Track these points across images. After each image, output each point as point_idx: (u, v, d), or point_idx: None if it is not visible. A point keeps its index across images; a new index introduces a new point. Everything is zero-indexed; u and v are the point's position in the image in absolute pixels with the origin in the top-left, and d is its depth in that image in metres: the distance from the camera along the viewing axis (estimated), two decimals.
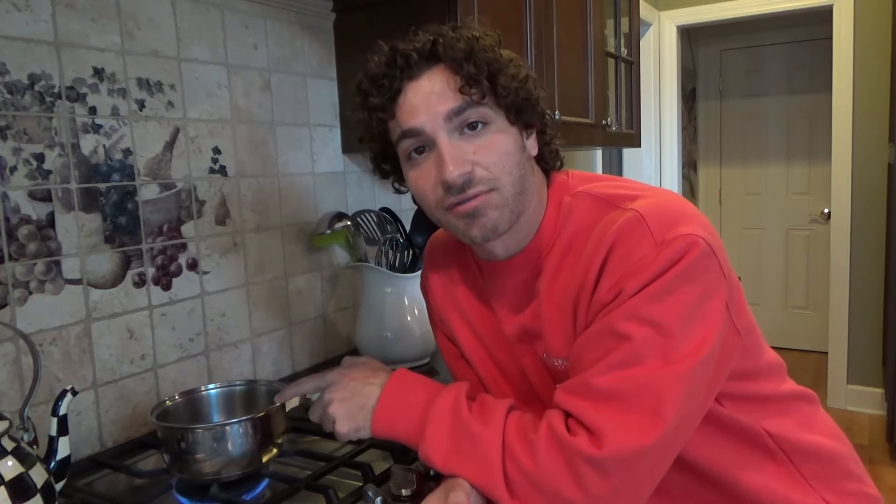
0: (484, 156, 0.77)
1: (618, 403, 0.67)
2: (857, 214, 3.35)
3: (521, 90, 0.78)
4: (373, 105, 0.80)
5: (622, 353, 0.69)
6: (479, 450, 0.72)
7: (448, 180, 0.75)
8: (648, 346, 0.68)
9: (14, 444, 0.79)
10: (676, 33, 3.70)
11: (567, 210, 0.83)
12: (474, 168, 0.76)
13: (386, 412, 0.81)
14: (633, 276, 0.70)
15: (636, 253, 0.70)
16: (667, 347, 0.68)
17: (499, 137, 0.78)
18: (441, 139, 0.76)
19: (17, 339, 1.00)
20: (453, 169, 0.75)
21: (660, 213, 0.73)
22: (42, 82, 1.02)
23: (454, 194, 0.77)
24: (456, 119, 0.76)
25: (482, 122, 0.77)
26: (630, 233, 0.72)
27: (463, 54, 0.75)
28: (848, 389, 3.47)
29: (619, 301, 0.70)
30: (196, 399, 1.06)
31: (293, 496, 0.92)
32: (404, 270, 1.53)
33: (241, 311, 1.37)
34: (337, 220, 1.50)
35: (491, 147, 0.77)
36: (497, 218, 0.78)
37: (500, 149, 0.78)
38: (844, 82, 3.29)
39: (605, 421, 0.67)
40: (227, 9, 1.32)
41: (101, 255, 1.11)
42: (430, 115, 0.76)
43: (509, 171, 0.78)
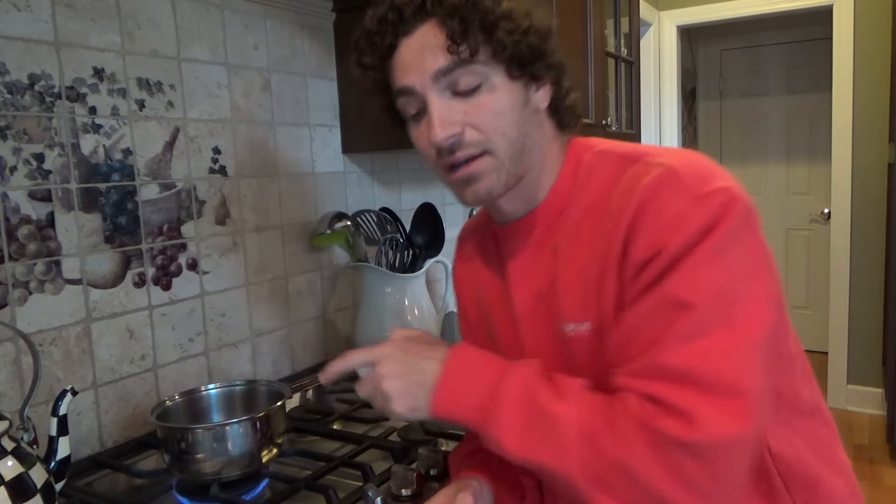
0: (476, 116, 0.73)
1: (699, 382, 0.61)
2: (857, 214, 3.35)
3: (522, 42, 0.72)
4: (366, 64, 0.77)
5: (687, 324, 0.62)
6: (558, 435, 0.65)
7: (435, 143, 0.72)
8: (712, 312, 0.62)
9: (14, 444, 0.79)
10: (676, 33, 3.70)
11: (588, 167, 0.77)
12: (465, 129, 0.72)
13: (448, 391, 0.71)
14: (672, 232, 0.64)
15: (671, 207, 0.65)
16: (731, 313, 0.62)
17: (494, 97, 0.73)
18: (431, 99, 0.73)
19: (17, 339, 1.00)
20: (440, 131, 0.72)
21: (692, 167, 0.68)
22: (42, 82, 1.02)
23: (445, 156, 0.74)
24: (444, 79, 0.72)
25: (474, 83, 0.72)
26: (662, 186, 0.66)
27: (451, 8, 0.71)
28: (848, 389, 3.47)
29: (663, 261, 0.64)
30: (196, 399, 1.06)
31: (293, 496, 0.92)
32: (404, 270, 1.53)
33: (241, 311, 1.37)
34: (337, 220, 1.50)
35: (484, 107, 0.73)
36: (491, 183, 0.75)
37: (494, 108, 0.73)
38: (844, 82, 3.29)
39: (691, 402, 0.60)
40: (227, 9, 1.32)
41: (101, 255, 1.11)
42: (420, 73, 0.73)
43: (503, 131, 0.73)
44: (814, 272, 4.37)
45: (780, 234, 4.49)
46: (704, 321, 0.62)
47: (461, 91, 0.73)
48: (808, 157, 4.35)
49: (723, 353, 0.62)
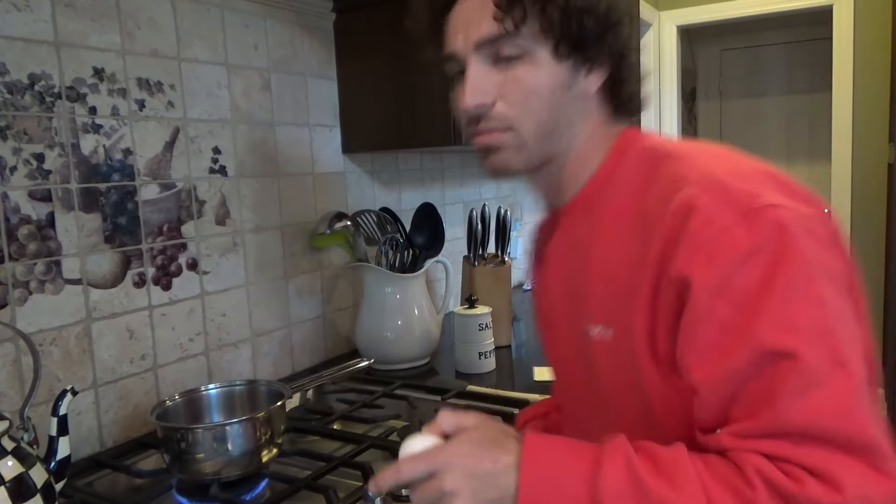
0: (509, 90, 0.70)
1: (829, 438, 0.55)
2: (857, 214, 3.35)
3: (576, 20, 0.68)
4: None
5: (798, 377, 0.56)
6: None
7: (462, 108, 0.71)
8: (820, 357, 0.56)
9: (14, 444, 0.79)
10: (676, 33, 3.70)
11: (631, 163, 0.74)
12: (496, 101, 0.70)
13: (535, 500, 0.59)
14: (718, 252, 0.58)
15: (717, 222, 0.59)
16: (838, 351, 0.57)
17: (532, 72, 0.70)
18: (470, 65, 0.70)
19: (17, 339, 1.00)
20: (470, 98, 0.70)
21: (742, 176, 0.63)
22: (42, 82, 1.02)
23: (471, 125, 0.72)
24: (486, 48, 0.70)
25: (515, 55, 0.69)
26: (706, 197, 0.61)
27: None
28: None
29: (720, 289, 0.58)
30: (196, 399, 1.06)
31: (293, 496, 0.92)
32: (404, 270, 1.53)
33: (241, 311, 1.37)
34: (337, 220, 1.50)
35: (518, 82, 0.70)
36: (509, 158, 0.72)
37: (530, 85, 0.70)
38: (844, 82, 3.29)
39: (828, 462, 0.54)
40: (227, 9, 1.32)
41: (101, 255, 1.11)
42: (464, 40, 0.71)
43: (533, 110, 0.70)
44: None
45: None
46: (815, 369, 0.56)
47: (501, 61, 0.70)
48: (808, 157, 4.35)
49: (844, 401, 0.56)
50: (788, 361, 0.56)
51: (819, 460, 0.54)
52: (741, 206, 0.60)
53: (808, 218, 0.61)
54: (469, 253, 1.72)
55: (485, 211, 1.75)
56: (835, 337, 0.57)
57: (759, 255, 0.58)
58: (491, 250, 1.80)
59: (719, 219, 0.59)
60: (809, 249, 0.58)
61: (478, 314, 1.47)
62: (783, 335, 0.56)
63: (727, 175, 0.63)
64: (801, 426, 0.55)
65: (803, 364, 0.56)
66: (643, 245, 0.65)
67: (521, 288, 2.46)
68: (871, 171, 3.29)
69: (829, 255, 0.60)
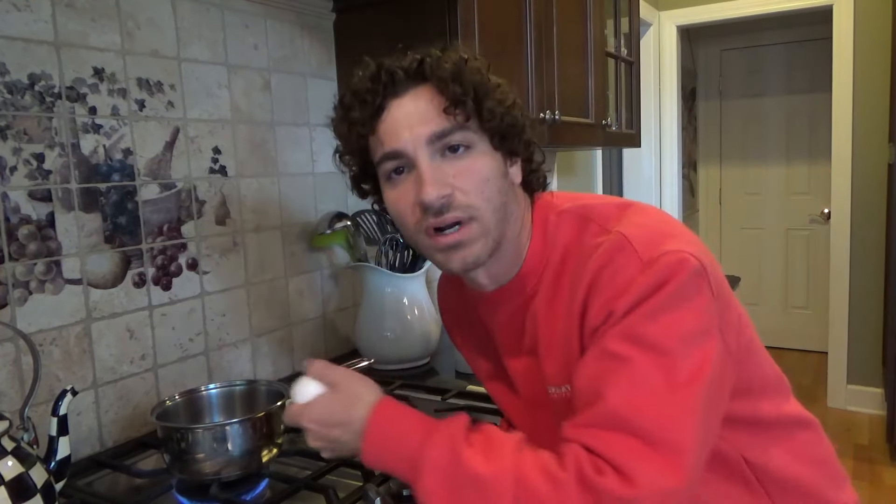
0: (464, 180, 0.75)
1: (636, 434, 0.63)
2: (857, 214, 3.35)
3: (506, 116, 0.77)
4: (354, 119, 0.78)
5: (624, 377, 0.65)
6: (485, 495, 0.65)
7: (426, 202, 0.73)
8: (649, 367, 0.65)
9: (14, 444, 0.79)
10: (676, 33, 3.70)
11: (553, 229, 0.81)
12: (454, 192, 0.74)
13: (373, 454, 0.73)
14: (620, 296, 0.68)
15: (623, 274, 0.69)
16: (669, 368, 0.65)
17: (480, 162, 0.76)
18: (422, 160, 0.74)
19: (17, 339, 1.00)
20: (432, 190, 0.73)
21: (645, 232, 0.72)
22: (42, 82, 1.02)
23: (432, 216, 0.75)
24: (438, 142, 0.74)
25: (464, 145, 0.75)
26: (615, 254, 0.70)
27: (450, 74, 0.74)
28: (848, 389, 3.47)
29: (611, 323, 0.68)
30: (196, 399, 1.06)
31: (293, 496, 0.92)
32: (404, 270, 1.53)
33: (241, 311, 1.37)
34: (337, 220, 1.50)
35: (471, 171, 0.75)
36: (478, 250, 0.77)
37: (481, 174, 0.75)
38: (844, 82, 3.29)
39: (629, 457, 0.63)
40: (227, 9, 1.32)
41: (101, 255, 1.11)
42: (412, 135, 0.74)
43: (489, 197, 0.76)
44: (814, 272, 4.37)
45: (780, 234, 4.49)
46: (642, 375, 0.65)
47: (451, 154, 0.75)
48: (808, 157, 4.35)
49: (662, 408, 0.64)
50: (621, 363, 0.66)
51: (623, 455, 0.62)
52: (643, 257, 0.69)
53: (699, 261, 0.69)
54: None
55: None
56: (672, 359, 0.65)
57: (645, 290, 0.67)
58: None
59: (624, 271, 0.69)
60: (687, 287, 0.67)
61: None
62: (625, 344, 0.66)
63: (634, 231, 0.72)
64: (619, 418, 0.64)
65: (635, 368, 0.65)
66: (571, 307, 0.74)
67: None
68: (871, 171, 3.29)
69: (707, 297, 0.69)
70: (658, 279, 0.67)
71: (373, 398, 0.74)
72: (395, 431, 0.72)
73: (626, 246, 0.70)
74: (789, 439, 0.83)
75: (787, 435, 0.83)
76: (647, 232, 0.72)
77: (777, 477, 0.80)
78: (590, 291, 0.71)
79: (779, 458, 0.81)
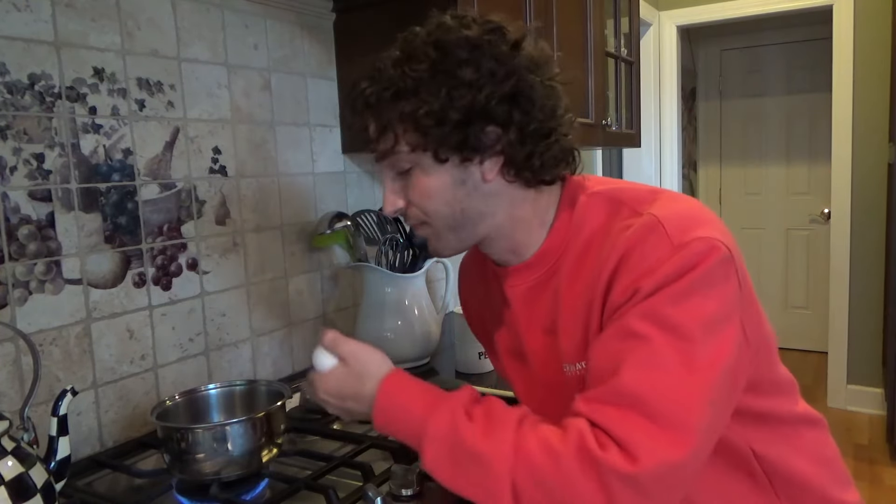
0: (412, 195, 0.79)
1: (644, 412, 0.64)
2: (857, 214, 3.35)
3: (435, 130, 0.73)
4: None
5: (642, 355, 0.66)
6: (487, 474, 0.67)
7: (384, 214, 0.83)
8: (668, 349, 0.65)
9: (14, 444, 0.79)
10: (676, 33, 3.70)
11: (582, 210, 0.80)
12: (408, 206, 0.80)
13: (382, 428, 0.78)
14: (647, 276, 0.68)
15: (652, 255, 0.69)
16: (687, 352, 0.65)
17: (424, 179, 0.77)
18: (384, 178, 0.82)
19: (17, 339, 1.00)
20: (387, 206, 0.81)
21: (677, 216, 0.72)
22: (42, 82, 1.02)
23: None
24: (385, 162, 0.79)
25: (406, 167, 0.78)
26: (646, 236, 0.70)
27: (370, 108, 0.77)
28: (848, 389, 3.47)
29: (634, 301, 0.68)
30: (196, 399, 1.06)
31: (293, 496, 0.92)
32: (404, 270, 1.53)
33: (241, 311, 1.37)
34: (337, 220, 1.50)
35: (416, 188, 0.78)
36: (442, 245, 0.82)
37: (424, 190, 0.78)
38: (844, 82, 3.29)
39: (634, 433, 0.63)
40: (227, 9, 1.32)
41: (101, 255, 1.11)
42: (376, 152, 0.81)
43: (436, 209, 0.78)
44: (814, 272, 4.37)
45: (780, 234, 4.49)
46: (659, 355, 0.65)
47: (402, 173, 0.79)
48: (808, 157, 4.35)
49: (673, 388, 0.64)
50: (641, 343, 0.66)
51: (628, 430, 0.63)
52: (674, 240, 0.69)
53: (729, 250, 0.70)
54: None
55: None
56: (692, 345, 0.65)
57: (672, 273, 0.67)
58: None
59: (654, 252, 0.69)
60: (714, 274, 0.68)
61: None
62: (646, 323, 0.66)
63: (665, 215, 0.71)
64: (630, 395, 0.64)
65: (651, 347, 0.65)
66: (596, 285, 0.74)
67: None
68: (871, 171, 3.29)
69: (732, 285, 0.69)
70: (687, 263, 0.67)
71: (382, 372, 0.78)
72: (400, 406, 0.75)
73: (658, 228, 0.70)
74: (798, 437, 0.83)
75: (796, 432, 0.83)
76: (680, 216, 0.72)
77: (784, 472, 0.81)
78: (617, 270, 0.71)
79: (787, 453, 0.81)
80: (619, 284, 0.70)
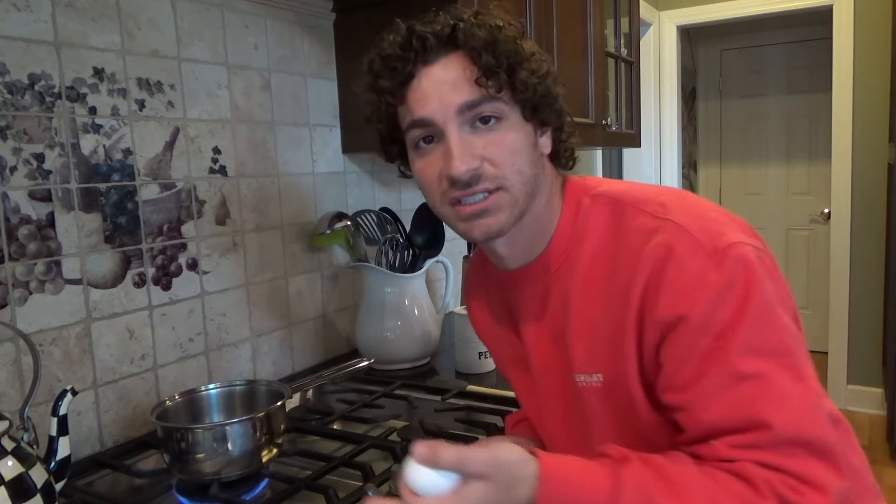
0: (494, 152, 0.73)
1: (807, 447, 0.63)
2: (857, 214, 3.35)
3: (540, 86, 0.74)
4: (383, 88, 0.76)
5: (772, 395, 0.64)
6: None
7: (454, 175, 0.71)
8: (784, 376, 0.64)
9: (14, 444, 0.79)
10: (676, 33, 3.70)
11: (586, 212, 0.78)
12: (482, 164, 0.72)
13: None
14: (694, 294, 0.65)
15: (689, 267, 0.66)
16: (795, 367, 0.65)
17: (511, 134, 0.74)
18: (451, 132, 0.72)
19: (17, 339, 1.00)
20: (460, 164, 0.71)
21: (697, 220, 0.70)
22: (42, 82, 1.02)
23: (459, 189, 0.73)
24: (469, 112, 0.72)
25: (496, 116, 0.73)
26: (676, 245, 0.68)
27: (483, 43, 0.71)
28: (848, 389, 3.47)
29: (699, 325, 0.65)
30: (196, 399, 1.06)
31: (293, 496, 0.92)
32: (404, 270, 1.53)
33: (241, 311, 1.37)
34: (337, 220, 1.50)
35: (502, 144, 0.73)
36: (504, 219, 0.75)
37: (512, 146, 0.73)
38: (844, 82, 3.29)
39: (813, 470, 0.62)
40: (227, 9, 1.32)
41: (101, 255, 1.11)
42: (441, 105, 0.72)
43: (519, 169, 0.74)
44: (814, 272, 4.37)
45: (780, 234, 4.49)
46: (784, 387, 0.64)
47: (482, 125, 0.73)
48: (808, 157, 4.35)
49: (809, 412, 0.64)
50: (760, 382, 0.64)
51: (807, 468, 0.62)
52: (707, 247, 0.67)
53: (760, 250, 0.69)
54: (469, 253, 1.72)
55: None
56: (794, 357, 0.66)
57: (731, 290, 0.65)
58: None
59: (691, 263, 0.66)
60: (765, 280, 0.67)
61: None
62: (754, 359, 0.64)
63: (685, 219, 0.70)
64: (787, 436, 0.63)
65: (774, 382, 0.64)
66: (623, 296, 0.70)
67: None
68: (871, 171, 3.29)
69: (777, 283, 0.69)
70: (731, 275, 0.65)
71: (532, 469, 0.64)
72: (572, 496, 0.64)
73: (686, 236, 0.68)
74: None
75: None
76: (699, 219, 0.70)
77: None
78: (652, 284, 0.68)
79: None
80: (662, 300, 0.67)
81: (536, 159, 0.77)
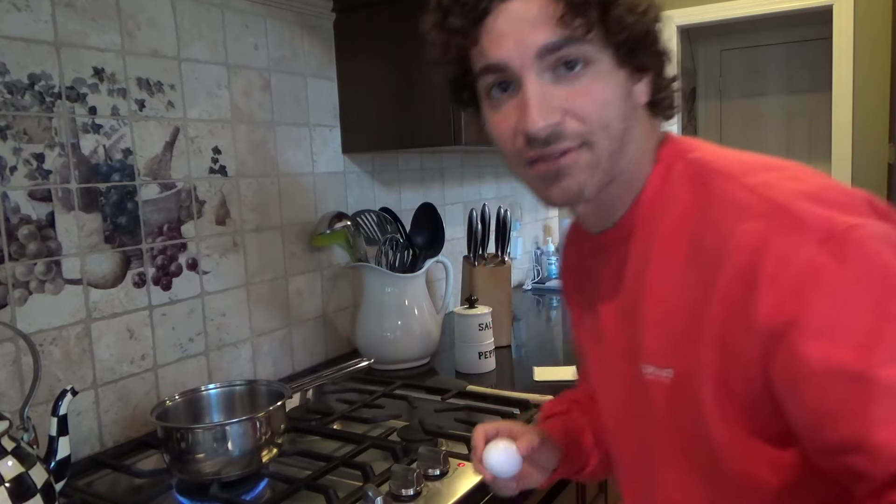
0: (579, 104, 0.62)
1: None
2: None
3: (638, 25, 0.62)
4: (453, 27, 0.64)
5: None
6: None
7: (531, 132, 0.61)
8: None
9: (14, 444, 0.79)
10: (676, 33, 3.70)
11: (678, 177, 0.67)
12: (565, 118, 0.62)
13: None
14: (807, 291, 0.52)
15: (796, 257, 0.53)
16: None
17: (600, 83, 0.62)
18: (529, 80, 0.61)
19: (17, 339, 1.00)
20: (538, 119, 0.61)
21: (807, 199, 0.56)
22: (42, 82, 1.02)
23: (536, 147, 0.63)
24: (550, 56, 0.61)
25: (583, 61, 0.61)
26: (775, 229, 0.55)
27: None
28: None
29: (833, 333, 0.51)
30: (196, 399, 1.06)
31: (293, 496, 0.92)
32: (404, 270, 1.53)
33: (241, 311, 1.37)
34: (337, 220, 1.50)
35: (589, 94, 0.62)
36: (584, 180, 0.64)
37: (600, 97, 0.62)
38: (844, 82, 3.29)
39: None
40: (227, 9, 1.32)
41: (101, 255, 1.11)
42: (519, 47, 0.61)
43: (607, 124, 0.63)
44: None
45: None
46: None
47: (566, 72, 0.62)
48: (808, 157, 4.35)
49: None
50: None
51: None
52: (816, 232, 0.53)
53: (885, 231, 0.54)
54: (469, 253, 1.72)
55: (485, 211, 1.75)
56: None
57: (858, 285, 0.52)
58: (491, 250, 1.80)
59: (796, 253, 0.53)
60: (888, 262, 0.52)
61: (478, 314, 1.47)
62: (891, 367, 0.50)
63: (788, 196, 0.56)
64: None
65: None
66: (705, 284, 0.59)
67: (520, 288, 2.46)
68: (871, 171, 3.29)
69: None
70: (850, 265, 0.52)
71: None
72: None
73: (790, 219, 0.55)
74: None
75: None
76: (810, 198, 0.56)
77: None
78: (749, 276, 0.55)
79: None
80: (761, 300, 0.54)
81: (629, 111, 0.65)
